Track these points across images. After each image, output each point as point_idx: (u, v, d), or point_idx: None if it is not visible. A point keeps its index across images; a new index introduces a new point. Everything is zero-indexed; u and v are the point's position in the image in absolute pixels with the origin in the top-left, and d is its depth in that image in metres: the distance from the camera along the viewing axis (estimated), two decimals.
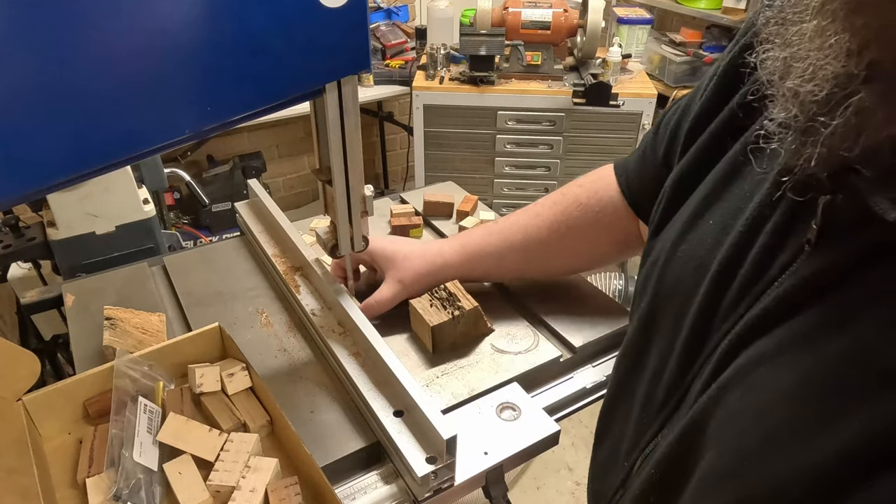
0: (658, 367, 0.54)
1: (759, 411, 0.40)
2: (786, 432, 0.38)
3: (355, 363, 0.79)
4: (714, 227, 0.50)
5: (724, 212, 0.50)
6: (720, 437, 0.42)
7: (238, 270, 1.05)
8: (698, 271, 0.49)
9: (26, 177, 0.49)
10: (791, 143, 0.39)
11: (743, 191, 0.49)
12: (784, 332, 0.40)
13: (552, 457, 2.10)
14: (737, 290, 0.45)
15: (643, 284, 0.59)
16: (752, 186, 0.48)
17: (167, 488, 0.68)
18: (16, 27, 0.44)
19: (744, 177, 0.50)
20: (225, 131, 1.27)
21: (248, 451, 0.69)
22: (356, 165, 0.75)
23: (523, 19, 2.23)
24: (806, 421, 0.37)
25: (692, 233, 0.53)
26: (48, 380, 1.28)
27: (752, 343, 0.43)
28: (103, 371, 0.76)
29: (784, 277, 0.42)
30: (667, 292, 0.54)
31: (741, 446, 0.40)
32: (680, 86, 2.68)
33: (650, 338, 0.56)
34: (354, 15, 0.60)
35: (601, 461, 0.65)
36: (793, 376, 0.39)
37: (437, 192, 1.22)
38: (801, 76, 0.36)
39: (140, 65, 0.51)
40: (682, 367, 0.50)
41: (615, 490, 0.58)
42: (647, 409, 0.55)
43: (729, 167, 0.51)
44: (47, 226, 1.31)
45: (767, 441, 0.38)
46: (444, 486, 0.69)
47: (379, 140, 3.25)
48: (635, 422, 0.57)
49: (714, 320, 0.47)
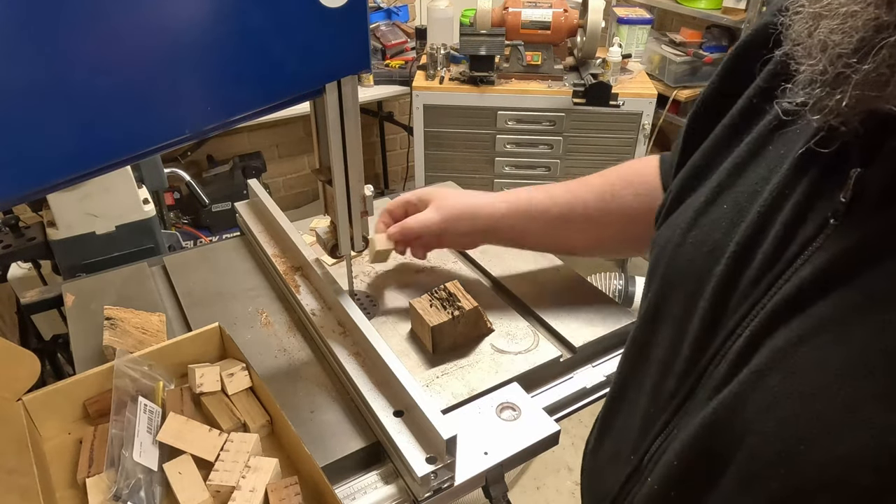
0: (667, 355, 0.53)
1: (807, 395, 0.39)
2: (845, 413, 0.37)
3: (355, 363, 0.79)
4: (729, 210, 0.50)
5: (738, 196, 0.49)
6: (763, 423, 0.41)
7: (238, 270, 1.05)
8: (712, 254, 0.49)
9: (26, 177, 0.49)
10: (819, 93, 0.38)
11: (759, 175, 0.48)
12: (823, 310, 0.39)
13: (552, 457, 2.10)
14: (757, 269, 0.45)
15: (650, 274, 0.58)
16: (769, 170, 0.48)
17: (167, 488, 0.68)
18: (16, 28, 0.44)
19: (759, 163, 0.49)
20: (225, 131, 1.27)
21: (248, 451, 0.69)
22: (356, 165, 0.75)
23: (523, 19, 2.23)
24: (869, 398, 0.36)
25: (704, 218, 0.52)
26: (48, 380, 1.28)
27: (785, 324, 0.41)
28: (103, 371, 0.76)
29: (809, 253, 0.41)
30: (676, 278, 0.53)
31: (791, 433, 0.39)
32: (680, 86, 2.68)
33: (657, 327, 0.56)
34: (354, 15, 0.60)
35: (602, 459, 0.64)
36: (842, 355, 0.38)
37: None
38: (831, 28, 0.36)
39: (140, 65, 0.51)
40: (695, 353, 0.49)
41: (620, 486, 0.57)
42: (657, 400, 0.54)
43: (745, 154, 0.51)
44: (47, 226, 1.31)
45: (822, 424, 0.38)
46: (444, 486, 0.69)
47: (379, 140, 3.25)
48: (643, 415, 0.56)
49: (731, 302, 0.46)
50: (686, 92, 2.68)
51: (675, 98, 2.66)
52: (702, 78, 2.70)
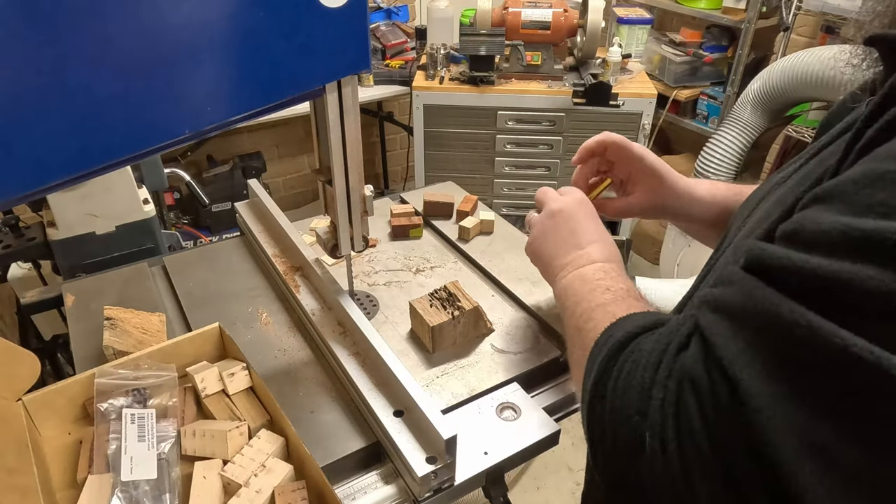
0: None
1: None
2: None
3: (355, 363, 0.79)
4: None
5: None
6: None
7: (238, 270, 1.05)
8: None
9: (26, 177, 0.49)
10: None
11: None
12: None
13: (552, 457, 2.10)
14: None
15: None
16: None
17: (185, 480, 0.68)
18: (16, 29, 0.44)
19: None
20: (225, 131, 1.27)
21: (269, 453, 0.69)
22: (356, 165, 0.75)
23: (523, 19, 2.22)
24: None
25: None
26: (48, 380, 1.28)
27: None
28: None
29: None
30: None
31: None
32: (680, 86, 2.68)
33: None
34: (354, 15, 0.60)
35: None
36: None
37: (437, 192, 1.22)
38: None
39: (140, 65, 0.51)
40: None
41: None
42: None
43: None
44: (47, 226, 1.31)
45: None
46: (443, 486, 0.69)
47: (379, 140, 3.25)
48: None
49: None
50: (686, 92, 2.68)
51: (675, 98, 2.66)
52: (702, 78, 2.70)
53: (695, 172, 2.48)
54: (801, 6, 2.25)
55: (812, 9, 2.21)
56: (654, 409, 0.42)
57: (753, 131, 2.36)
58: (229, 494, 0.67)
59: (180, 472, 0.70)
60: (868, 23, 0.48)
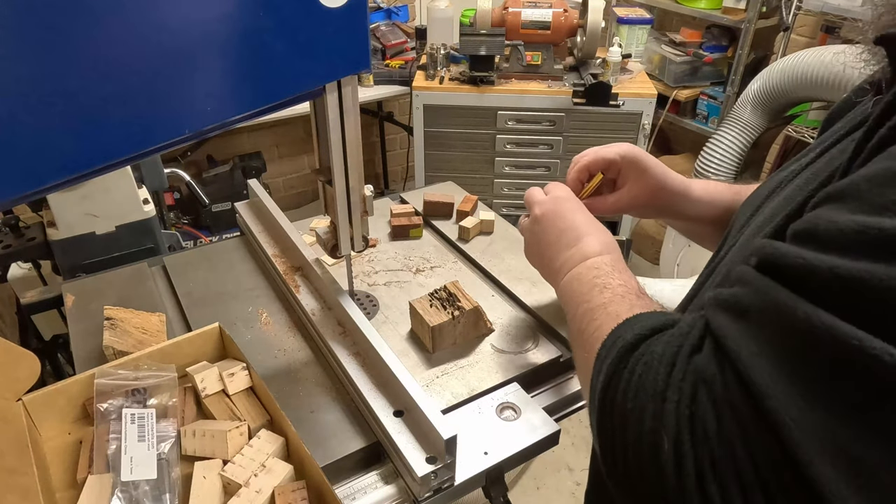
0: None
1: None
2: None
3: (355, 363, 0.79)
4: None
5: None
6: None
7: (238, 270, 1.05)
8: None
9: (26, 177, 0.49)
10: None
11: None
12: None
13: (552, 457, 2.10)
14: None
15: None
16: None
17: (185, 480, 0.68)
18: (16, 30, 0.44)
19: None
20: (225, 131, 1.27)
21: (269, 453, 0.69)
22: (356, 165, 0.75)
23: (523, 19, 2.22)
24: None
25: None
26: (48, 380, 1.28)
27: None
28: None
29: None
30: None
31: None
32: (680, 86, 2.68)
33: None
34: (354, 15, 0.60)
35: None
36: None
37: (437, 192, 1.22)
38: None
39: (140, 65, 0.51)
40: None
41: None
42: None
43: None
44: (47, 226, 1.31)
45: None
46: (444, 486, 0.69)
47: (379, 140, 3.25)
48: None
49: None
50: (686, 92, 2.68)
51: (675, 98, 2.66)
52: (702, 78, 2.70)
53: (695, 172, 2.48)
54: (801, 6, 2.25)
55: (812, 9, 2.21)
56: (669, 411, 0.42)
57: (753, 131, 2.37)
58: (229, 494, 0.67)
59: (180, 472, 0.70)
60: (879, 17, 0.47)
